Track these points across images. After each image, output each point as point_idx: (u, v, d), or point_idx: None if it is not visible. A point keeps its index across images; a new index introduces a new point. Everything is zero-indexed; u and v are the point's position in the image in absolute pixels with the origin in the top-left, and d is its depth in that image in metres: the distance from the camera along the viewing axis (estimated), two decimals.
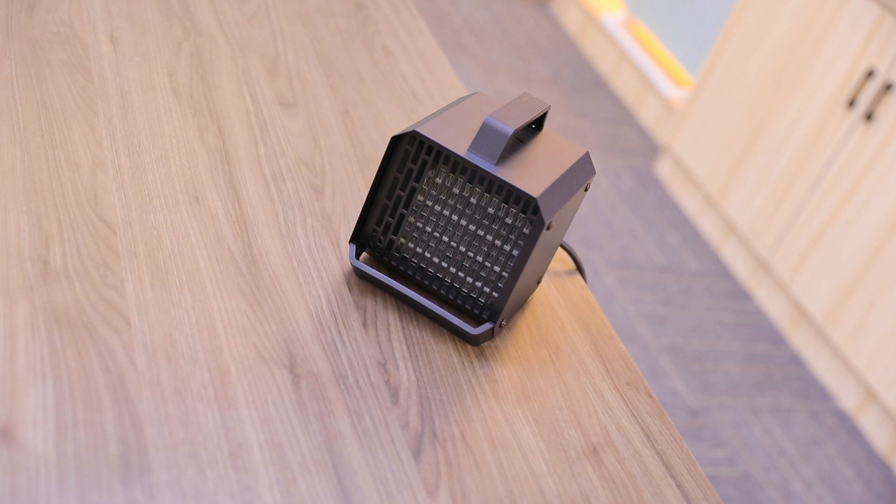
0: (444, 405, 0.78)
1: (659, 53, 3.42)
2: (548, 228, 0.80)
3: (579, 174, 0.87)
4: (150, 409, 0.68)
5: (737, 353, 2.45)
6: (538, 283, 0.92)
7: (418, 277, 0.86)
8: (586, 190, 0.89)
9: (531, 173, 0.82)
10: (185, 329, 0.75)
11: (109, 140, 0.91)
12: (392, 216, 0.85)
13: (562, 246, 0.99)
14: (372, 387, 0.77)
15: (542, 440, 0.79)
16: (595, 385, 0.87)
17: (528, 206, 0.81)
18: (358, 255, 0.87)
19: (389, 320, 0.84)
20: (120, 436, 0.65)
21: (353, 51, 1.22)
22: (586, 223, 2.68)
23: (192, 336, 0.75)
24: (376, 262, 0.89)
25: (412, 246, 0.86)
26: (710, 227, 2.84)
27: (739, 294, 2.67)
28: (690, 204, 2.92)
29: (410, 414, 0.76)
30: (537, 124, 0.89)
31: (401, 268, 0.87)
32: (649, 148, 3.17)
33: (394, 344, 0.82)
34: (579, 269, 1.00)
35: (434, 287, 0.86)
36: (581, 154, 0.88)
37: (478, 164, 0.80)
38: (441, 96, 1.20)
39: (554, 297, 0.95)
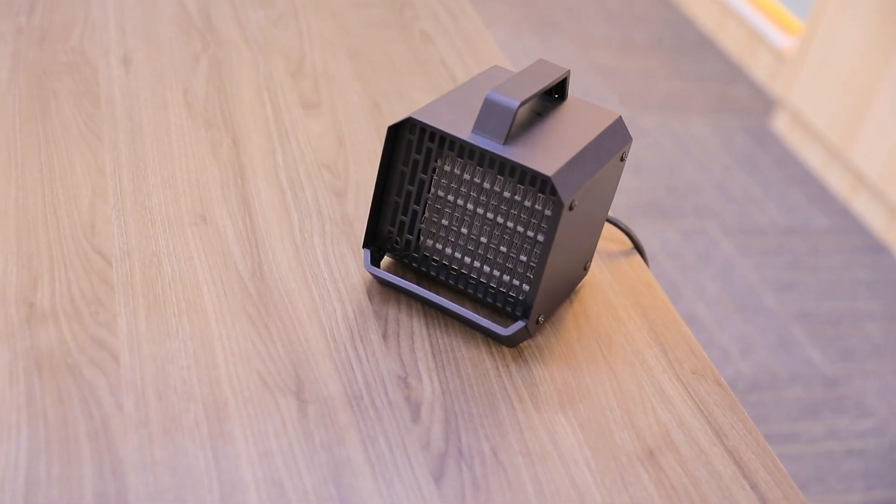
0: (473, 418, 0.70)
1: (764, 1, 3.22)
2: (570, 209, 0.71)
3: (610, 143, 0.77)
4: (134, 455, 0.62)
5: (877, 313, 2.27)
6: (585, 268, 0.83)
7: (442, 277, 0.78)
8: (622, 159, 0.79)
9: (547, 149, 0.72)
10: (181, 362, 0.69)
11: (113, 167, 0.86)
12: (405, 214, 0.78)
13: (616, 224, 0.90)
14: (389, 405, 0.70)
15: (589, 448, 0.70)
16: (653, 378, 0.77)
17: (545, 187, 0.72)
18: (378, 261, 0.80)
19: (414, 328, 0.76)
20: (97, 489, 0.60)
21: (388, 40, 1.15)
22: (698, 191, 2.53)
23: (188, 369, 0.69)
24: (401, 265, 0.82)
25: (431, 243, 0.78)
26: (836, 180, 2.65)
27: (875, 248, 2.47)
28: (813, 158, 2.73)
29: (433, 432, 0.68)
30: (560, 93, 0.80)
31: (422, 268, 0.79)
32: (763, 104, 2.99)
33: (417, 354, 0.74)
34: (637, 247, 0.90)
35: (460, 286, 0.78)
36: (611, 120, 0.78)
37: (483, 146, 0.71)
38: None
39: (607, 282, 0.85)
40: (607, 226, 0.93)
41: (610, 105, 2.81)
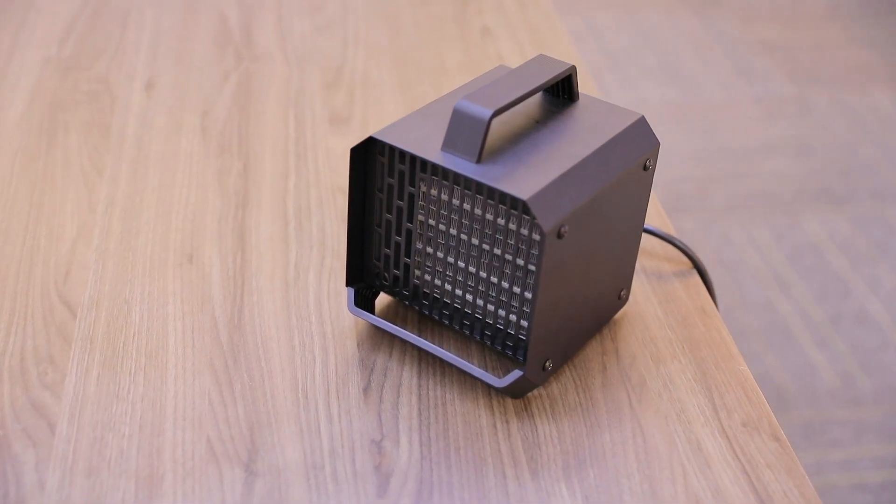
0: (453, 490, 0.59)
1: None
2: (559, 236, 0.58)
3: (626, 149, 0.64)
4: None
5: None
6: (620, 297, 0.69)
7: (435, 316, 0.67)
8: (646, 168, 0.65)
9: (532, 165, 0.60)
10: (123, 429, 0.62)
11: (106, 204, 0.80)
12: (388, 246, 0.67)
13: (669, 241, 0.76)
14: (354, 477, 0.59)
15: None
16: (691, 432, 0.63)
17: (528, 211, 0.60)
18: (371, 299, 0.70)
19: (402, 379, 0.66)
20: None
21: (442, 39, 1.04)
22: (876, 173, 2.27)
23: (130, 437, 0.61)
24: (402, 304, 0.71)
25: (419, 273, 0.67)
26: None
27: None
28: None
29: None
30: (567, 93, 0.67)
31: (415, 306, 0.68)
32: None
33: (400, 411, 0.64)
34: (697, 266, 0.76)
35: (455, 325, 0.66)
36: (629, 123, 0.65)
37: (452, 167, 0.60)
38: None
39: (651, 311, 0.72)
40: (661, 243, 0.79)
41: (777, 83, 2.58)
